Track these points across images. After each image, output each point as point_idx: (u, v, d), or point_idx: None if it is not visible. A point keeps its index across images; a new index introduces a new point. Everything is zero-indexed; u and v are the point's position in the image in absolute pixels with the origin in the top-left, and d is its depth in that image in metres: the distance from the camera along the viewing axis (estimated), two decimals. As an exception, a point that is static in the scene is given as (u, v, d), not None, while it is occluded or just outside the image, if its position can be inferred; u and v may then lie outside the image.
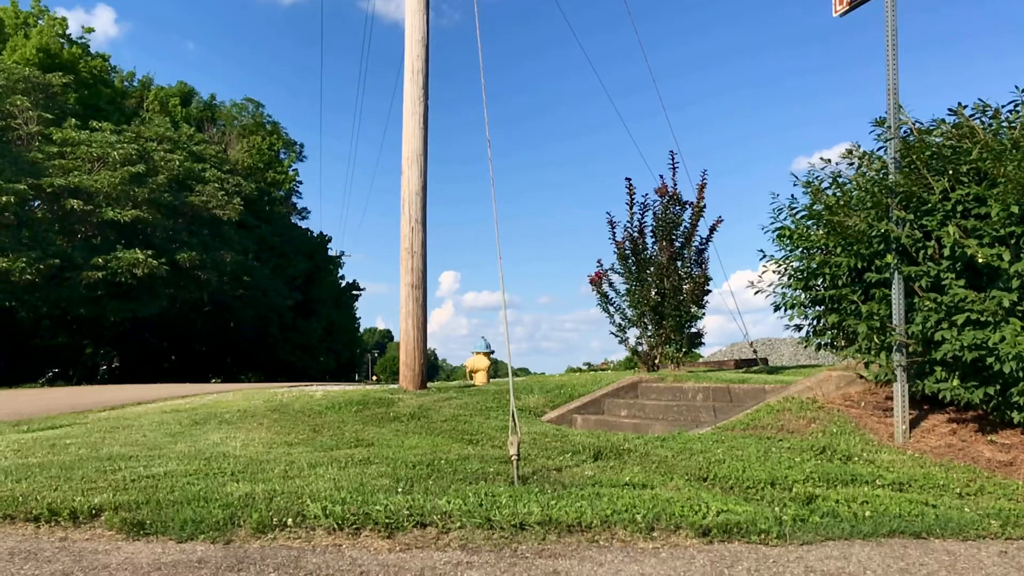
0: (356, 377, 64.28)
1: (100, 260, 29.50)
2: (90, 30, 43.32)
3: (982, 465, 5.13)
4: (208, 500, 3.60)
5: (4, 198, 26.16)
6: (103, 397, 13.67)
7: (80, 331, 33.77)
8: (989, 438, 5.60)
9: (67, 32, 40.39)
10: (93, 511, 3.49)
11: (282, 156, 54.98)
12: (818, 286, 6.51)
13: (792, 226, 6.57)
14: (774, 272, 6.79)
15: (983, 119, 5.60)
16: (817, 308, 6.59)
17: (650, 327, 11.22)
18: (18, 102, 29.92)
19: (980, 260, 5.03)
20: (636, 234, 11.23)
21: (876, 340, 5.84)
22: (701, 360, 20.04)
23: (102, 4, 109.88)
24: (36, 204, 31.14)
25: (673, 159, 11.37)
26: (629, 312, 11.42)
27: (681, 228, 11.15)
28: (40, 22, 39.32)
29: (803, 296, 6.58)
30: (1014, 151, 5.15)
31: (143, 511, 3.44)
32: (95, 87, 41.10)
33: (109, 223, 31.39)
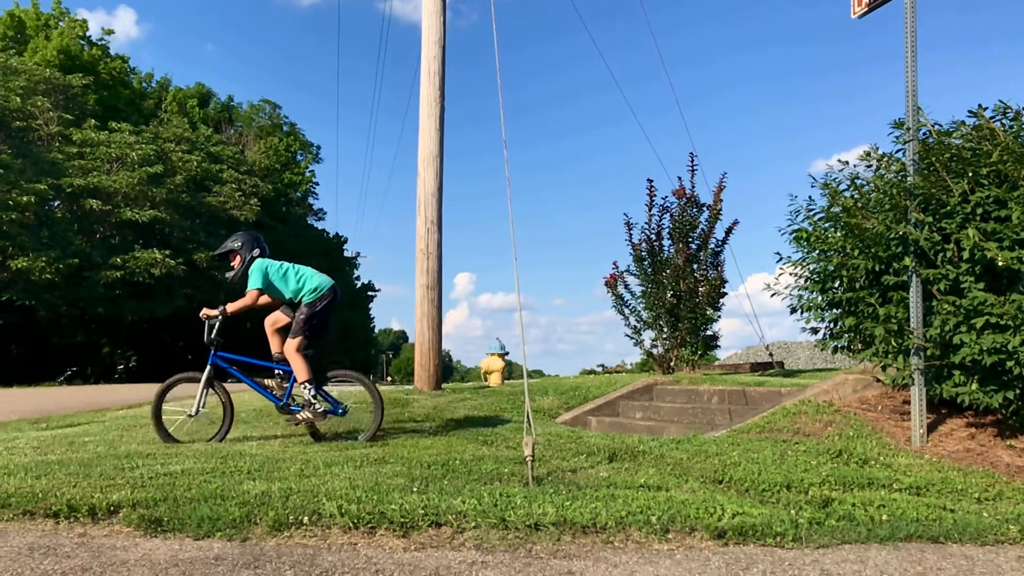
0: (371, 378, 64.41)
1: (118, 260, 29.77)
2: (110, 32, 43.86)
3: (1001, 470, 5.09)
4: (225, 498, 3.63)
5: (25, 198, 26.46)
6: (120, 396, 13.80)
7: (98, 330, 34.10)
8: (1008, 443, 5.55)
9: (87, 34, 40.80)
10: (111, 508, 3.52)
11: (299, 157, 55.23)
12: (835, 288, 6.47)
13: (809, 228, 6.54)
14: (791, 275, 6.77)
15: (1004, 121, 5.55)
16: (834, 311, 6.55)
17: (665, 329, 11.19)
18: (39, 103, 30.24)
19: (1000, 263, 4.98)
20: (654, 236, 11.21)
21: (893, 343, 5.80)
22: (717, 363, 19.98)
23: (123, 5, 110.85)
24: (56, 204, 31.49)
25: (692, 161, 11.36)
26: (644, 314, 11.40)
27: (698, 230, 11.11)
28: (61, 24, 39.73)
29: (820, 299, 6.54)
30: (1035, 153, 5.10)
31: (160, 508, 3.47)
32: (114, 88, 41.48)
33: (127, 223, 31.68)
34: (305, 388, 6.19)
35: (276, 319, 6.44)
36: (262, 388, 6.49)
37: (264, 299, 6.27)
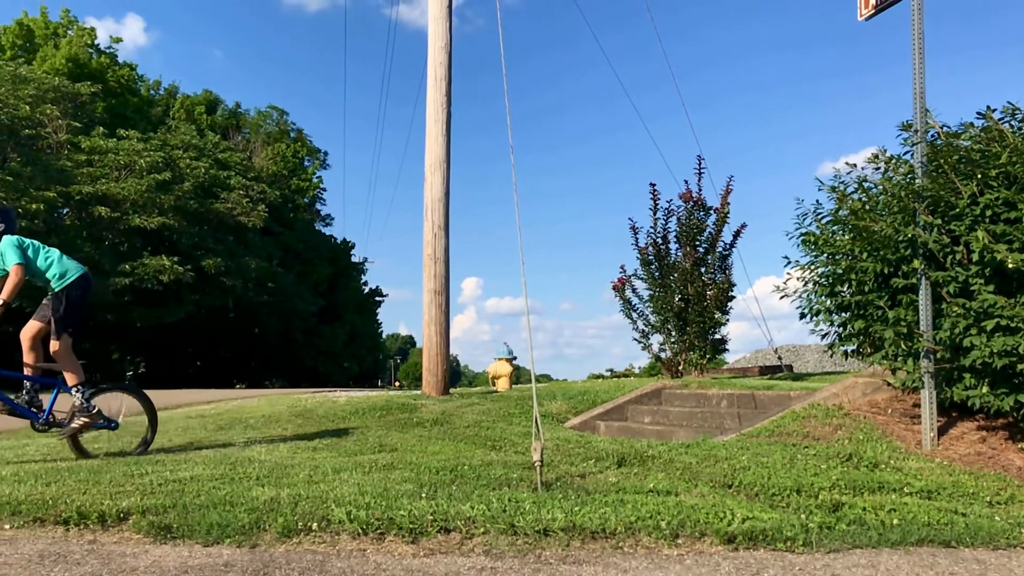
0: (379, 383, 64.62)
1: (127, 267, 29.95)
2: (118, 40, 44.06)
3: (1012, 473, 5.05)
4: (234, 504, 3.63)
5: (34, 206, 26.63)
6: (128, 402, 13.80)
7: (107, 337, 34.23)
8: (1020, 446, 5.51)
9: (96, 42, 41.10)
10: (121, 514, 3.52)
11: (306, 163, 55.45)
12: (844, 292, 6.44)
13: (817, 231, 6.51)
14: (799, 279, 6.74)
15: (1012, 122, 5.52)
16: (843, 314, 6.52)
17: (674, 333, 11.16)
18: (48, 111, 30.43)
19: (1010, 265, 4.96)
20: (660, 240, 11.18)
21: (903, 346, 5.78)
22: (725, 367, 19.95)
23: (132, 13, 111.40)
24: (65, 211, 31.70)
25: (699, 164, 11.33)
26: (652, 318, 11.37)
27: (705, 234, 11.08)
28: (69, 32, 40.00)
29: (829, 302, 6.52)
30: (1044, 155, 5.08)
31: (170, 515, 3.47)
32: (122, 96, 41.74)
33: (136, 230, 31.86)
34: (77, 392, 5.69)
35: (34, 329, 5.73)
36: (13, 403, 5.68)
37: None
